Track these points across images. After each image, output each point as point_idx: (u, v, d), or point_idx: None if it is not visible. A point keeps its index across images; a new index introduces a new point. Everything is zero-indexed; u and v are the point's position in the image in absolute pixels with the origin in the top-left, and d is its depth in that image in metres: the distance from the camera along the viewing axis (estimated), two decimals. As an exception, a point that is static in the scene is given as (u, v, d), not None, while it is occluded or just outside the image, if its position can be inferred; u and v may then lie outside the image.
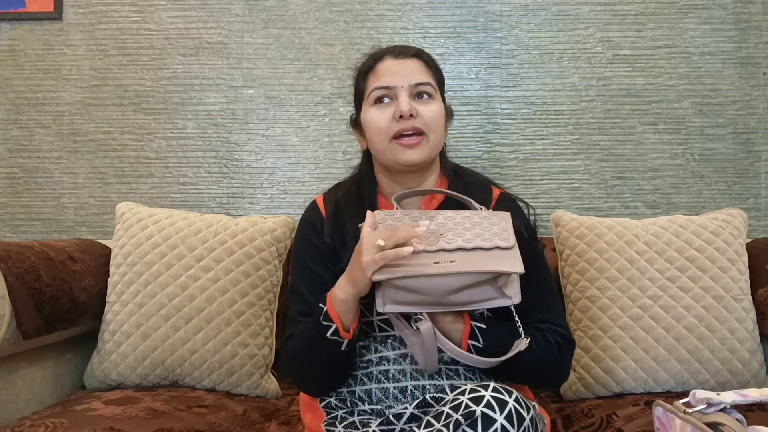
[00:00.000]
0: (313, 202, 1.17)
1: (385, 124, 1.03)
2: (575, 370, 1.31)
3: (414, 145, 1.02)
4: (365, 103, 1.08)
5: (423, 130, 1.03)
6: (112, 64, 1.76)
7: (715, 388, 1.26)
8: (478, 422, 0.76)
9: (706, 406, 0.70)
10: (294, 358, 1.02)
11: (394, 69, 1.05)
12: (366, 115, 1.07)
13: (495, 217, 0.94)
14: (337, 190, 1.16)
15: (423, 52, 1.10)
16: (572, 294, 1.37)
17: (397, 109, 1.02)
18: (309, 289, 1.05)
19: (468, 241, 0.89)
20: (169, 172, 1.76)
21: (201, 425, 1.11)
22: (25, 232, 1.78)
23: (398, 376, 0.99)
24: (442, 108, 1.07)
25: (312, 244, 1.09)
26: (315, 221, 1.12)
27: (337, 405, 1.01)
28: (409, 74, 1.04)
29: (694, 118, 1.70)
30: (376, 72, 1.06)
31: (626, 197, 1.71)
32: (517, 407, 0.78)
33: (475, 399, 0.78)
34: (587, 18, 1.72)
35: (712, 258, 1.33)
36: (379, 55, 1.09)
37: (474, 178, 1.14)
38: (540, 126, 1.72)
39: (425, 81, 1.05)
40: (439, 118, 1.05)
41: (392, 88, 1.04)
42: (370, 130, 1.06)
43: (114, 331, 1.35)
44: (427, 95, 1.05)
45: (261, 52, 1.75)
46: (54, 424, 1.06)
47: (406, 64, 1.05)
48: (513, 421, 0.76)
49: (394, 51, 1.08)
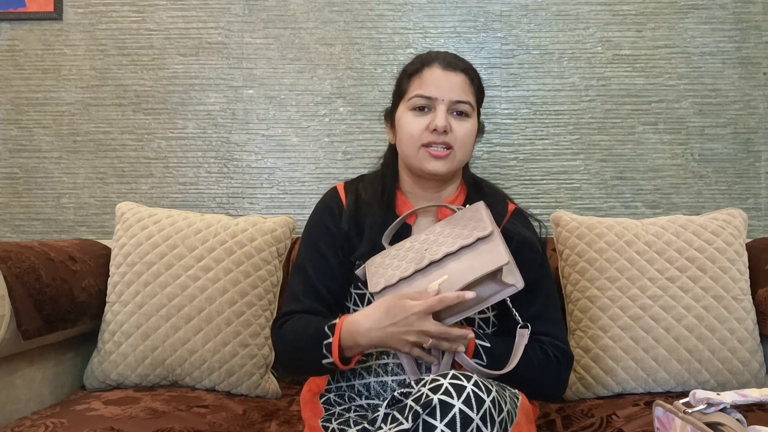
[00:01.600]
0: (333, 189, 1.18)
1: (418, 132, 1.05)
2: (575, 370, 1.31)
3: (441, 157, 1.05)
4: (403, 104, 1.09)
5: (452, 145, 1.05)
6: (112, 64, 1.76)
7: (715, 388, 1.26)
8: (436, 410, 0.76)
9: (706, 406, 0.70)
10: (284, 349, 1.06)
11: (439, 81, 1.06)
12: (402, 116, 1.08)
13: (469, 212, 0.98)
14: (359, 182, 1.18)
15: (470, 67, 1.10)
16: (572, 294, 1.37)
17: (432, 122, 1.04)
18: (315, 271, 1.08)
19: (451, 245, 0.91)
20: (169, 172, 1.76)
21: (201, 425, 1.11)
22: (25, 232, 1.78)
23: (396, 370, 1.01)
24: (475, 127, 1.09)
25: (327, 228, 1.11)
26: (333, 207, 1.14)
27: (336, 401, 1.03)
28: (452, 90, 1.05)
29: (694, 118, 1.70)
30: (422, 78, 1.07)
31: (626, 197, 1.71)
32: (476, 390, 0.78)
33: (433, 388, 0.78)
34: (587, 18, 1.72)
35: (712, 258, 1.33)
36: (428, 60, 1.09)
37: (492, 191, 1.17)
38: (540, 126, 1.72)
39: (465, 100, 1.06)
40: (469, 137, 1.08)
41: (433, 99, 1.05)
42: (403, 133, 1.08)
43: (114, 331, 1.35)
44: (464, 113, 1.07)
45: (261, 52, 1.75)
46: (54, 424, 1.06)
47: (452, 78, 1.06)
48: (472, 405, 0.76)
49: (444, 60, 1.08)
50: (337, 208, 1.13)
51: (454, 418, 0.75)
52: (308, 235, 1.14)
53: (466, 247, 0.90)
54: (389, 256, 0.97)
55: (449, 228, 0.95)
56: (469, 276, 0.87)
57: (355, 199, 1.13)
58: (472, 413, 0.76)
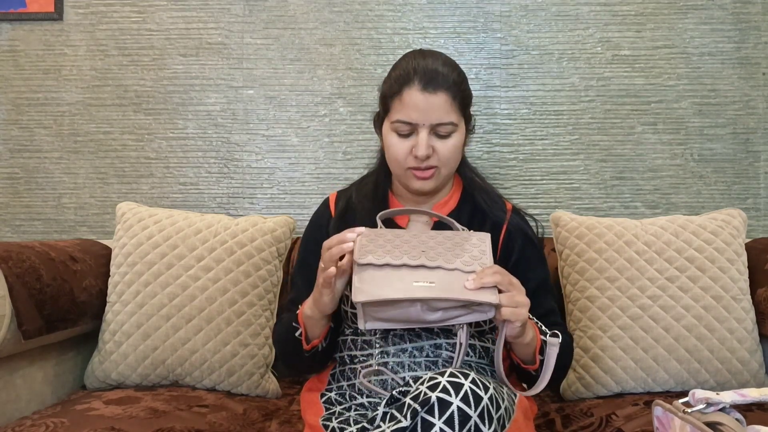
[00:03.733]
0: (326, 199, 1.22)
1: (403, 156, 1.05)
2: (575, 370, 1.31)
3: (426, 178, 1.06)
4: (387, 122, 1.08)
5: (437, 165, 1.05)
6: (112, 64, 1.77)
7: (714, 387, 1.26)
8: (434, 407, 0.76)
9: (706, 406, 0.70)
10: (275, 342, 1.17)
11: (419, 104, 1.02)
12: (387, 135, 1.08)
13: (475, 239, 0.95)
14: (352, 188, 1.19)
15: (452, 83, 1.04)
16: (572, 294, 1.37)
17: (415, 147, 1.03)
18: (304, 283, 1.12)
19: (448, 262, 0.90)
20: (170, 172, 1.76)
21: (201, 425, 1.11)
22: (25, 232, 1.78)
23: (397, 369, 1.01)
24: (461, 139, 1.08)
25: (315, 241, 1.12)
26: (322, 218, 1.19)
27: (337, 400, 1.03)
28: (433, 113, 1.02)
29: (694, 118, 1.70)
30: (402, 101, 1.03)
31: (626, 197, 1.71)
32: (474, 388, 0.78)
33: (431, 386, 0.79)
34: (587, 18, 1.72)
35: (711, 258, 1.33)
36: (407, 80, 1.03)
37: (488, 191, 1.16)
38: (540, 126, 1.72)
39: (447, 121, 1.03)
40: (455, 153, 1.07)
41: (414, 124, 1.04)
42: (389, 154, 1.09)
43: (114, 330, 1.35)
44: (447, 133, 1.05)
45: (261, 52, 1.75)
46: (54, 423, 1.07)
47: (432, 100, 1.02)
48: (470, 402, 0.77)
49: (423, 79, 1.02)
50: (326, 219, 1.17)
51: (452, 415, 0.76)
52: (301, 249, 1.20)
53: (461, 271, 0.89)
54: (384, 238, 0.94)
55: (451, 243, 0.94)
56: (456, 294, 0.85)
57: (346, 203, 1.16)
58: (470, 410, 0.76)
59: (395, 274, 0.88)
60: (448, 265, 0.89)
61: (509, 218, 1.12)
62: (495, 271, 0.87)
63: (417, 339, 1.01)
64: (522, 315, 0.87)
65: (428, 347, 1.01)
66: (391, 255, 0.90)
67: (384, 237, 0.94)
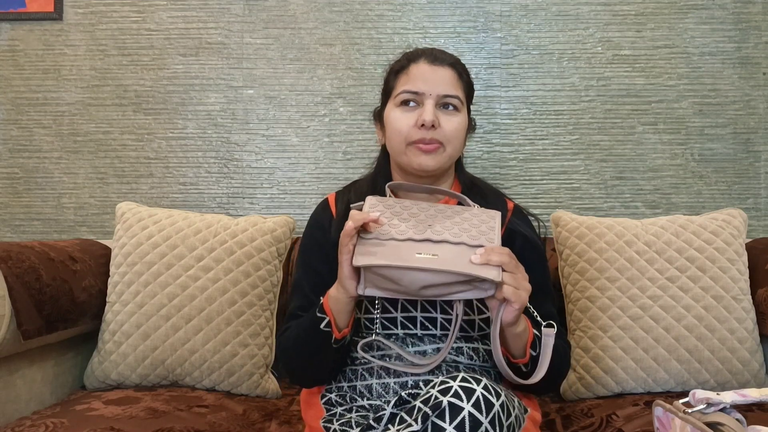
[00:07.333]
0: (324, 200, 1.18)
1: (406, 128, 1.04)
2: (575, 370, 1.31)
3: (430, 152, 1.04)
4: (391, 101, 1.08)
5: (441, 141, 1.04)
6: (112, 64, 1.76)
7: (715, 388, 1.26)
8: (445, 412, 0.76)
9: (706, 406, 0.70)
10: (288, 348, 1.04)
11: (427, 75, 1.04)
12: (390, 113, 1.07)
13: (485, 215, 0.94)
14: (351, 189, 1.17)
15: (458, 62, 1.08)
16: (572, 294, 1.37)
17: (420, 117, 1.02)
18: (311, 287, 1.07)
19: (455, 236, 0.89)
20: (169, 172, 1.76)
21: (201, 425, 1.11)
22: (25, 232, 1.78)
23: (399, 371, 1.00)
24: (465, 121, 1.08)
25: (317, 243, 1.11)
26: (323, 220, 1.14)
27: (338, 401, 1.02)
28: (440, 83, 1.04)
29: (694, 118, 1.70)
30: (408, 74, 1.06)
31: (626, 197, 1.71)
32: (486, 394, 0.77)
33: (443, 390, 0.78)
34: (587, 18, 1.72)
35: (711, 258, 1.33)
36: (414, 56, 1.07)
37: (489, 189, 1.16)
38: (540, 126, 1.72)
39: (454, 94, 1.04)
40: (459, 132, 1.06)
41: (420, 94, 1.04)
42: (391, 130, 1.07)
43: (114, 331, 1.35)
44: (453, 107, 1.05)
45: (261, 52, 1.75)
46: (54, 423, 1.07)
47: (440, 72, 1.04)
48: (481, 408, 0.76)
49: (430, 55, 1.06)
50: (327, 220, 1.13)
51: (464, 421, 0.75)
52: (302, 253, 1.14)
53: (467, 245, 0.89)
54: (391, 210, 0.93)
55: (459, 217, 0.93)
56: (459, 267, 0.84)
57: (346, 208, 1.12)
58: (481, 417, 0.76)
59: (398, 248, 0.87)
60: (453, 239, 0.88)
61: (509, 218, 1.11)
62: (503, 252, 0.86)
63: (420, 343, 1.01)
64: (522, 298, 0.86)
65: (431, 351, 1.00)
66: (396, 229, 0.89)
67: (391, 209, 0.93)
